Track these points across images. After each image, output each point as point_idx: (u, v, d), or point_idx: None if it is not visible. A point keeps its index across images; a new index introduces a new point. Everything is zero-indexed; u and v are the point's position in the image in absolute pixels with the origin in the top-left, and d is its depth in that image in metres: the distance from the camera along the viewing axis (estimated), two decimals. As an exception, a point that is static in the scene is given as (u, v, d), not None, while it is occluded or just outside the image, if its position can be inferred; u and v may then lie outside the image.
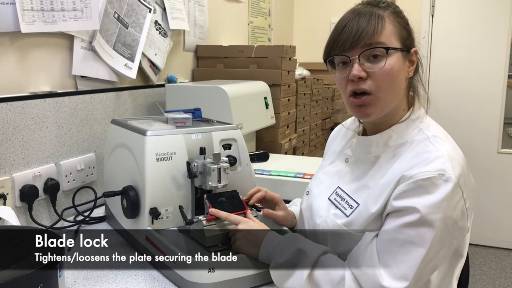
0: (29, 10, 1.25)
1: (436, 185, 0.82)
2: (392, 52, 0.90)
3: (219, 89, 1.69)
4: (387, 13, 0.92)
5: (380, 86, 0.90)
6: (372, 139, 0.97)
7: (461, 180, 0.84)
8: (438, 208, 0.82)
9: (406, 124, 0.95)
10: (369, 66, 0.90)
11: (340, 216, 0.94)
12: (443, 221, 0.82)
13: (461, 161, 0.87)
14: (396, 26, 0.92)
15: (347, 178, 1.00)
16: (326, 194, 1.01)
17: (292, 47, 2.18)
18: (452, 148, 0.89)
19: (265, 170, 1.62)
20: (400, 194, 0.84)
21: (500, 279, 3.09)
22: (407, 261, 0.82)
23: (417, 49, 0.95)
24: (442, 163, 0.84)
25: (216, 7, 2.39)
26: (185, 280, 0.94)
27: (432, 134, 0.91)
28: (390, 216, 0.86)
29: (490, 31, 3.27)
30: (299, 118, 2.40)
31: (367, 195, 0.92)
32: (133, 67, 1.64)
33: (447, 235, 0.84)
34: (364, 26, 0.89)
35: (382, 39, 0.90)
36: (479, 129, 3.39)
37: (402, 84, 0.94)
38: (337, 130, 1.16)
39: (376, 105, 0.91)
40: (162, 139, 1.10)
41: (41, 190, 1.30)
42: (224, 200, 1.08)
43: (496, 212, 3.42)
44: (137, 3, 1.68)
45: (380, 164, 0.93)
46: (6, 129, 1.22)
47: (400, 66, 0.91)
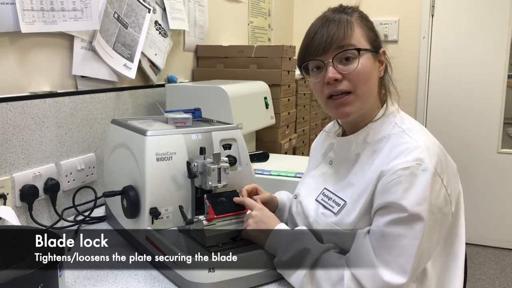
0: (29, 10, 1.25)
1: (415, 175, 0.85)
2: (363, 53, 0.95)
3: (219, 89, 1.69)
4: (354, 18, 0.97)
5: (356, 85, 0.95)
6: (351, 138, 1.01)
7: (439, 168, 0.88)
8: (423, 199, 0.85)
9: (381, 121, 0.99)
10: (343, 68, 0.94)
11: (329, 215, 0.97)
12: (429, 210, 0.85)
13: (436, 150, 0.91)
14: (364, 29, 0.97)
15: (332, 179, 1.04)
16: (313, 195, 1.04)
17: (292, 47, 2.18)
18: (427, 138, 0.93)
19: (265, 170, 1.62)
20: (384, 188, 0.87)
21: (500, 279, 3.09)
22: (403, 255, 0.84)
23: (385, 50, 1.00)
24: (420, 153, 0.87)
25: (216, 7, 2.39)
26: (185, 280, 0.94)
27: (407, 126, 0.95)
28: (378, 213, 0.88)
29: (490, 31, 3.26)
30: (299, 118, 2.40)
31: (352, 192, 0.95)
32: (132, 67, 1.64)
33: (435, 223, 0.88)
34: (335, 31, 0.94)
35: (352, 41, 0.94)
36: (479, 129, 3.39)
37: (375, 82, 0.98)
38: (318, 137, 1.21)
39: (355, 102, 0.96)
40: (162, 139, 1.10)
41: (41, 190, 1.31)
42: (224, 200, 1.08)
43: (496, 212, 3.42)
44: (136, 3, 1.68)
45: (362, 160, 0.97)
46: (6, 129, 1.22)
47: (371, 66, 0.96)
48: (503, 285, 3.02)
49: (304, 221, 1.04)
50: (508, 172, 3.40)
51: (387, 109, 1.00)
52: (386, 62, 1.01)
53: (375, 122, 0.99)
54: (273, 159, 1.83)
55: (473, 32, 3.31)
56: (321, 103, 1.01)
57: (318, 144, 1.18)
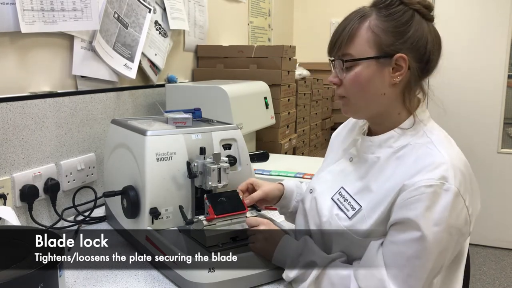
0: (29, 10, 1.25)
1: (438, 194, 0.82)
2: (362, 62, 0.91)
3: (219, 89, 1.69)
4: (372, 18, 0.91)
5: (349, 92, 0.94)
6: (375, 139, 0.97)
7: (462, 188, 0.84)
8: (440, 220, 0.82)
9: (409, 126, 0.95)
10: (340, 73, 0.94)
11: (343, 218, 0.94)
12: (447, 231, 0.83)
13: (462, 168, 0.87)
14: (379, 32, 0.90)
15: (350, 177, 1.00)
16: (329, 193, 1.01)
17: (292, 47, 2.18)
18: (454, 154, 0.89)
19: (265, 170, 1.62)
20: (404, 203, 0.84)
21: (500, 279, 3.09)
22: (413, 276, 0.83)
23: (402, 55, 0.90)
24: (445, 171, 0.84)
25: (216, 7, 2.39)
26: (185, 280, 0.94)
27: (436, 138, 0.91)
28: (394, 228, 0.86)
29: (490, 31, 3.27)
30: (299, 118, 2.40)
31: (370, 199, 0.91)
32: (132, 67, 1.64)
33: (451, 243, 0.85)
34: (339, 34, 0.93)
35: (351, 48, 0.91)
36: (479, 129, 3.39)
37: (377, 91, 0.93)
38: (343, 126, 1.15)
39: (350, 107, 0.96)
40: (162, 139, 1.10)
41: (41, 190, 1.30)
42: (224, 200, 1.08)
43: (496, 212, 3.42)
44: (137, 3, 1.68)
45: (382, 165, 0.93)
46: (6, 129, 1.22)
47: (371, 75, 0.91)
48: (503, 285, 3.02)
49: (316, 220, 1.01)
50: (508, 172, 3.40)
51: (417, 115, 0.95)
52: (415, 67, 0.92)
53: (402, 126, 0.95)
54: (273, 159, 1.83)
55: (473, 32, 3.31)
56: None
57: (341, 137, 1.11)
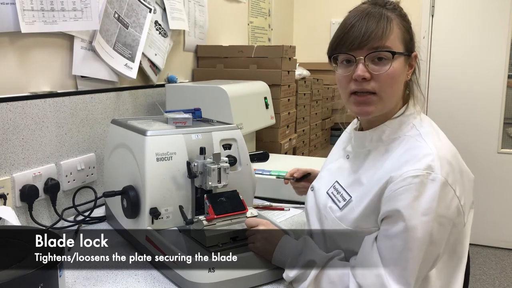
0: (29, 10, 1.25)
1: (424, 184, 0.83)
2: (397, 56, 0.91)
3: (219, 89, 1.69)
4: (394, 16, 0.93)
5: (383, 88, 0.92)
6: (367, 134, 0.99)
7: (450, 178, 0.85)
8: (428, 209, 0.83)
9: (399, 120, 0.97)
10: (374, 68, 0.91)
11: (335, 210, 0.97)
12: (436, 221, 0.83)
13: (450, 159, 0.88)
14: (402, 29, 0.94)
15: (345, 172, 1.03)
16: (325, 188, 1.04)
17: (292, 47, 2.18)
18: (442, 145, 0.90)
19: (265, 170, 1.62)
20: (392, 195, 0.85)
21: (500, 279, 3.09)
22: (408, 267, 0.83)
23: (417, 54, 0.97)
24: (431, 161, 0.85)
25: (216, 7, 2.39)
26: (185, 280, 0.94)
27: (425, 130, 0.93)
28: (386, 221, 0.87)
29: (490, 31, 3.26)
30: (299, 118, 2.40)
31: (361, 191, 0.94)
32: (133, 67, 1.64)
33: (443, 234, 0.86)
34: (373, 28, 0.90)
35: (388, 43, 0.91)
36: (479, 129, 3.39)
37: (401, 86, 0.96)
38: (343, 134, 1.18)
39: (378, 104, 0.94)
40: (162, 139, 1.10)
41: (41, 190, 1.30)
42: (224, 200, 1.08)
43: (496, 212, 3.42)
44: (137, 3, 1.68)
45: (373, 158, 0.96)
46: (6, 129, 1.22)
47: (401, 70, 0.94)
48: (503, 285, 3.02)
49: (317, 214, 1.03)
50: (508, 172, 3.40)
51: (408, 109, 0.98)
52: (416, 65, 0.98)
53: (393, 120, 0.97)
54: (273, 159, 1.83)
55: (473, 32, 3.31)
56: (342, 96, 0.99)
57: (343, 137, 1.15)
